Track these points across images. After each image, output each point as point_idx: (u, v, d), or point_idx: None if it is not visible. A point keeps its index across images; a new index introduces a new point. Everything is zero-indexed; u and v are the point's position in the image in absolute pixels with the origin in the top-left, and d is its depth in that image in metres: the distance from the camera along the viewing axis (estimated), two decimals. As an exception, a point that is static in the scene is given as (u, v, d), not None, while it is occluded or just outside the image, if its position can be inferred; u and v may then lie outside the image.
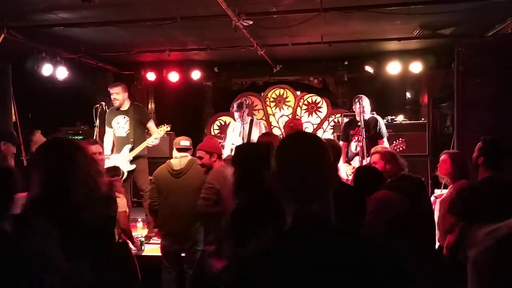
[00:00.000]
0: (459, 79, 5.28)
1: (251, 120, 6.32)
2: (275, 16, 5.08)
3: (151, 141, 5.78)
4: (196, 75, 8.15)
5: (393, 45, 7.08)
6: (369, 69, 7.57)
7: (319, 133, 8.65)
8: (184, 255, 4.38)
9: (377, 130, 5.82)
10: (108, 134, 6.02)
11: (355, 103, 5.74)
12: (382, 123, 5.95)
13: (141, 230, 5.69)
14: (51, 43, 6.54)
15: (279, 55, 7.68)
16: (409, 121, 7.62)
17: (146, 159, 5.93)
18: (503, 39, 5.61)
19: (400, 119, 7.63)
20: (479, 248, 0.71)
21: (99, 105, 6.18)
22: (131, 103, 5.97)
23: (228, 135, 6.49)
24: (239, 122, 6.24)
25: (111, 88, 5.92)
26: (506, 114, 4.96)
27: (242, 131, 6.10)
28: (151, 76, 8.32)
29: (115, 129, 5.94)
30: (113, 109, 6.00)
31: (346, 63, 7.81)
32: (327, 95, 8.97)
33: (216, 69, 8.21)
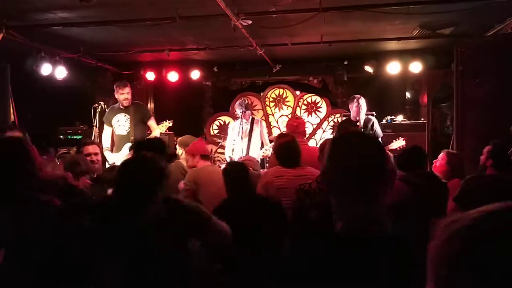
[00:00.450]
0: (459, 79, 5.29)
1: (252, 118, 6.31)
2: (274, 15, 5.06)
3: None
4: (195, 75, 8.14)
5: (393, 45, 7.07)
6: (368, 69, 7.57)
7: (319, 133, 8.66)
8: None
9: (373, 130, 5.97)
10: (106, 132, 5.98)
11: (352, 102, 5.84)
12: (377, 124, 6.10)
13: None
14: (50, 43, 6.52)
15: (279, 55, 7.67)
16: (408, 121, 7.64)
17: None
18: (502, 39, 5.60)
19: (399, 119, 7.64)
20: (437, 240, 0.69)
21: (98, 105, 6.18)
22: (132, 101, 5.94)
23: (228, 135, 6.49)
24: (239, 121, 6.23)
25: (122, 88, 5.77)
26: (505, 114, 4.96)
27: (241, 131, 6.09)
28: (151, 75, 8.33)
29: (115, 127, 5.89)
30: (114, 108, 5.97)
31: (345, 63, 7.81)
32: (326, 95, 8.96)
33: (215, 69, 8.21)
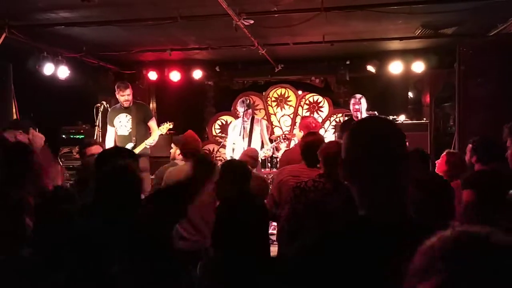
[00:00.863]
0: (461, 79, 5.27)
1: (252, 117, 6.30)
2: (276, 15, 5.07)
3: (149, 142, 5.73)
4: (197, 74, 8.14)
5: (395, 45, 7.05)
6: (371, 68, 7.55)
7: (321, 133, 8.63)
8: None
9: None
10: (109, 133, 5.97)
11: (355, 102, 5.80)
12: None
13: None
14: (52, 43, 6.53)
15: (281, 55, 7.66)
16: (411, 121, 7.60)
17: (148, 159, 5.86)
18: (505, 39, 5.58)
19: (402, 118, 7.60)
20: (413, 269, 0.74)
21: (100, 104, 6.18)
22: (134, 102, 5.92)
23: (229, 134, 6.49)
24: (240, 119, 6.23)
25: (123, 90, 5.74)
26: (508, 113, 4.93)
27: (242, 130, 6.09)
28: (153, 75, 8.33)
29: (117, 128, 5.88)
30: (116, 108, 5.97)
31: (347, 63, 7.80)
32: (328, 94, 8.94)
33: (217, 69, 8.21)
